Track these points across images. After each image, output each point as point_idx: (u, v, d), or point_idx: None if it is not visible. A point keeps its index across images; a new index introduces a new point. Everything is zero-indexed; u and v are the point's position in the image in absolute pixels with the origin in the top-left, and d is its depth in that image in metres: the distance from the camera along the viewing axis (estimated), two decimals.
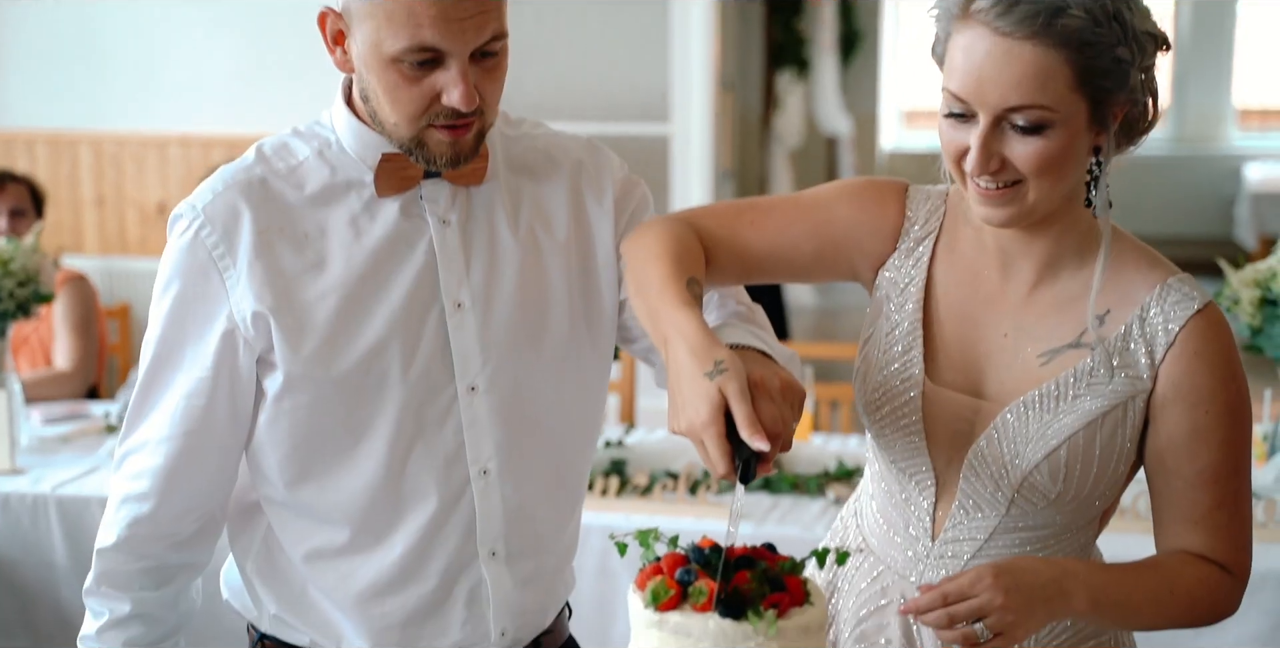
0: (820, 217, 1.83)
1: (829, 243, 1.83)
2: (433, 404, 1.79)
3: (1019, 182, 1.65)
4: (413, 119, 1.70)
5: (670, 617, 1.47)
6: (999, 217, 1.68)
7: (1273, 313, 3.27)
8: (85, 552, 3.39)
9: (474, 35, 1.66)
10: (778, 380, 1.58)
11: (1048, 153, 1.63)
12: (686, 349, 1.57)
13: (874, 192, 1.85)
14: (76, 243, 5.94)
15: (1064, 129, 1.62)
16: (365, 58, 1.69)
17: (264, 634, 1.93)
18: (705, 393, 1.53)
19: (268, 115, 5.74)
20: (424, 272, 1.78)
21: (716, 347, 1.57)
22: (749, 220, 1.83)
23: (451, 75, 1.67)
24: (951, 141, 1.67)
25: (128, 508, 1.83)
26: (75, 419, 3.98)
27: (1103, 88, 1.62)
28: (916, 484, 1.82)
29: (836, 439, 3.83)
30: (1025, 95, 1.60)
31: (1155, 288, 1.73)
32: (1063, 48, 1.59)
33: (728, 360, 1.54)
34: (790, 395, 1.58)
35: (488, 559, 1.85)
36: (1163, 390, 1.72)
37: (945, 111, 1.67)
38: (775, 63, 8.99)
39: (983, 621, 1.62)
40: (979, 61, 1.62)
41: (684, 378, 1.56)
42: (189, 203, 1.77)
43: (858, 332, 1.87)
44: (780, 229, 1.82)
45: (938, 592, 1.63)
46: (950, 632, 1.63)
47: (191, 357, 1.78)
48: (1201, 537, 1.74)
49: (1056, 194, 1.67)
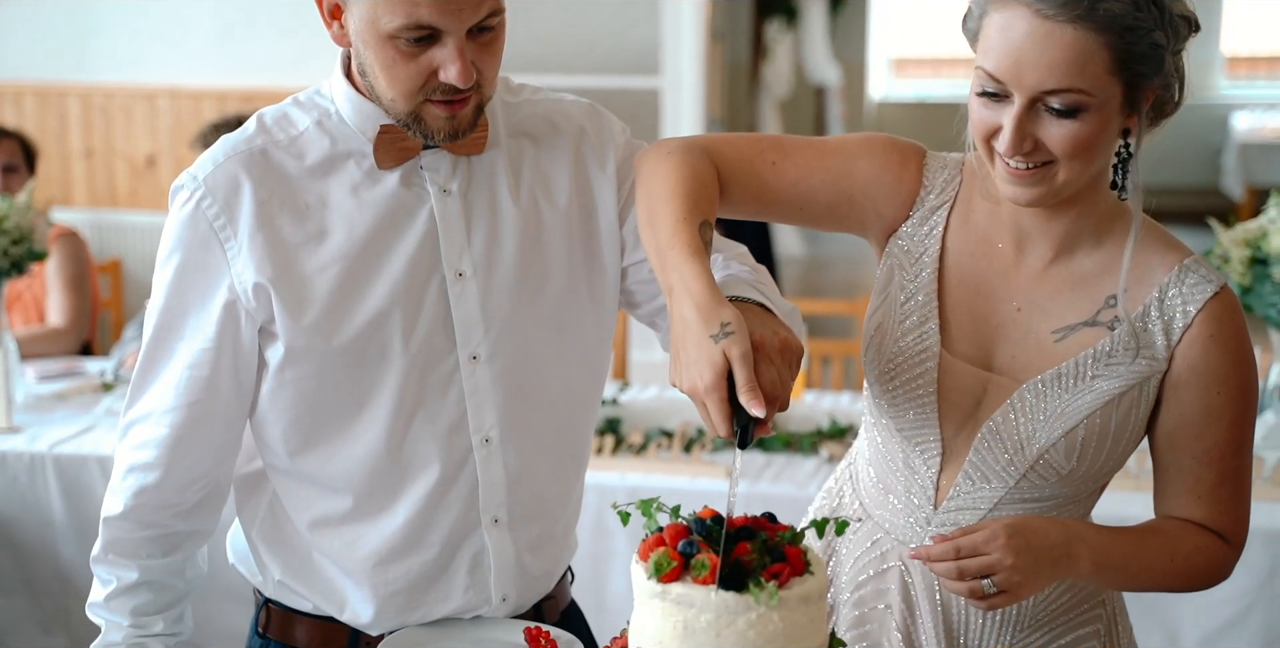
0: (840, 169, 1.82)
1: (844, 197, 1.82)
2: (434, 373, 1.80)
3: (1049, 162, 1.66)
4: (410, 95, 1.70)
5: (672, 588, 1.49)
6: (1026, 196, 1.68)
7: (1262, 272, 3.28)
8: (83, 510, 3.43)
9: (470, 14, 1.66)
10: (777, 340, 1.60)
11: (1081, 135, 1.63)
12: (693, 305, 1.58)
13: (896, 153, 1.83)
14: (65, 196, 5.92)
15: (1098, 113, 1.63)
16: (362, 33, 1.69)
17: (269, 599, 1.95)
18: (709, 357, 1.54)
19: (256, 68, 5.71)
20: (425, 241, 1.78)
21: (723, 306, 1.58)
22: (770, 161, 1.82)
23: (448, 52, 1.67)
24: (983, 120, 1.67)
25: (133, 478, 1.85)
26: (70, 377, 3.99)
27: (1139, 72, 1.62)
28: (921, 452, 1.83)
29: (829, 396, 3.85)
30: (1063, 79, 1.60)
31: (1173, 269, 1.75)
32: (1104, 32, 1.59)
33: (734, 322, 1.56)
34: (788, 355, 1.60)
35: (490, 526, 1.87)
36: (1178, 372, 1.74)
37: (979, 90, 1.66)
38: (764, 12, 8.95)
39: (990, 577, 1.66)
40: (1018, 42, 1.61)
41: (689, 337, 1.57)
42: (190, 173, 1.78)
43: (847, 286, 1.88)
44: (799, 175, 1.81)
45: (951, 545, 1.66)
46: (958, 584, 1.67)
47: (194, 327, 1.79)
48: (1204, 509, 1.79)
49: (1085, 175, 1.68)
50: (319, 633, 1.92)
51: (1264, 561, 3.02)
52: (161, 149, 5.84)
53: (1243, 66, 10.74)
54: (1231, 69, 10.68)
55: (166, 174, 5.84)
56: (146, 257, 5.79)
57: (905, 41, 10.87)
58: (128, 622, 1.89)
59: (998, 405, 1.78)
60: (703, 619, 1.47)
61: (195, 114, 5.72)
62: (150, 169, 5.86)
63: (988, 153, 1.69)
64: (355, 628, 1.90)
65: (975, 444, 1.79)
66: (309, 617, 1.92)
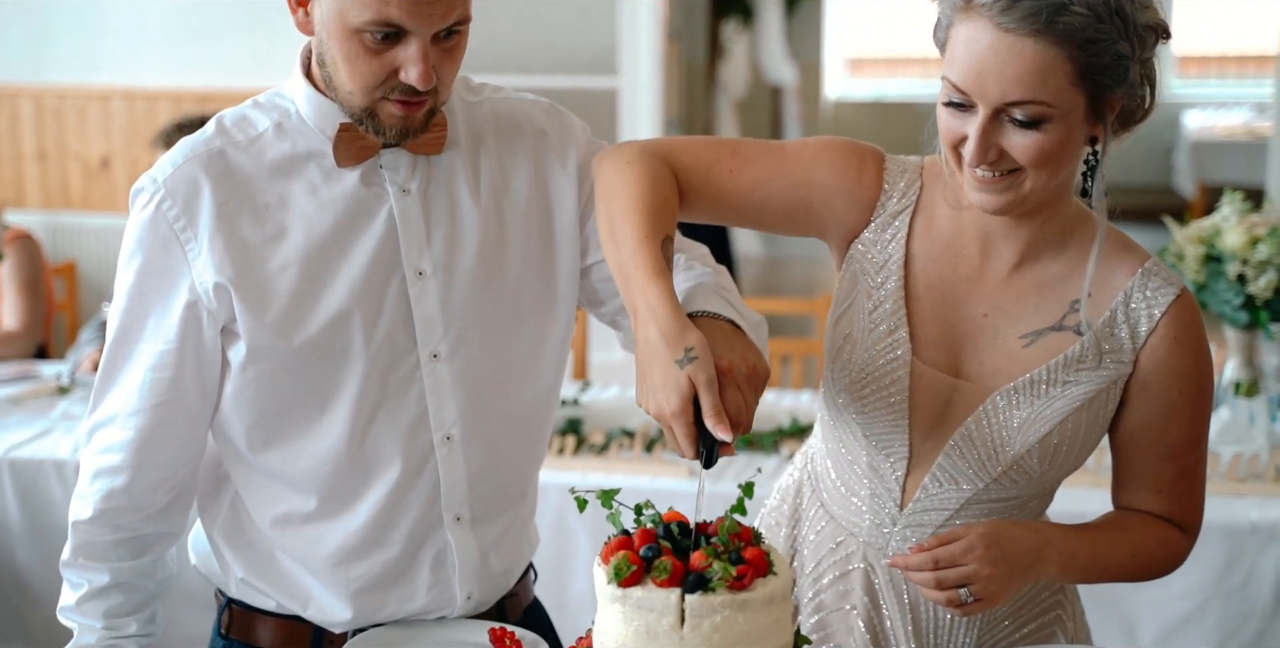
0: (798, 176, 1.82)
1: (803, 205, 1.82)
2: (395, 372, 1.81)
3: (1017, 170, 1.66)
4: (368, 90, 1.71)
5: (633, 593, 1.49)
6: (994, 203, 1.69)
7: (1216, 269, 3.31)
8: (39, 515, 3.40)
9: (439, 20, 1.67)
10: (745, 366, 1.61)
11: (1045, 146, 1.64)
12: (658, 330, 1.59)
13: (855, 159, 1.83)
14: (19, 198, 5.87)
15: (1061, 123, 1.64)
16: (328, 24, 1.69)
17: (231, 599, 1.95)
18: (675, 382, 1.56)
19: (212, 69, 5.68)
20: (385, 241, 1.79)
21: (688, 330, 1.59)
22: (727, 168, 1.81)
23: (411, 53, 1.67)
24: (950, 130, 1.68)
25: (101, 482, 1.84)
26: (25, 380, 3.96)
27: (1102, 83, 1.63)
28: (887, 455, 1.84)
29: (789, 395, 3.86)
30: (1025, 91, 1.61)
31: (1136, 273, 1.77)
32: (1065, 45, 1.59)
33: (698, 347, 1.57)
34: (755, 381, 1.62)
35: (452, 524, 1.88)
36: (1143, 374, 1.77)
37: (945, 100, 1.67)
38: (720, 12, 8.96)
39: (968, 587, 1.69)
40: (980, 55, 1.62)
41: (655, 361, 1.58)
42: (150, 176, 1.78)
43: (806, 285, 1.88)
44: (757, 183, 1.82)
45: (929, 556, 1.69)
46: (935, 593, 1.70)
47: (155, 328, 1.79)
48: (1164, 502, 1.83)
49: (1053, 184, 1.69)
50: (282, 632, 1.92)
51: (1220, 555, 3.05)
52: (116, 150, 5.80)
53: (1193, 66, 10.84)
54: (1182, 68, 10.78)
55: (121, 176, 5.80)
56: (101, 259, 5.74)
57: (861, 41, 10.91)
58: (101, 625, 1.88)
59: (969, 412, 1.79)
60: (664, 623, 1.47)
61: (150, 115, 5.69)
62: (104, 170, 5.82)
63: (956, 161, 1.70)
64: (319, 626, 1.90)
65: (946, 449, 1.80)
66: (272, 616, 1.92)
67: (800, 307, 4.61)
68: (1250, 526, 3.04)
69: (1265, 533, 3.04)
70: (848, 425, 1.86)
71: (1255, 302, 3.27)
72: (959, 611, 1.71)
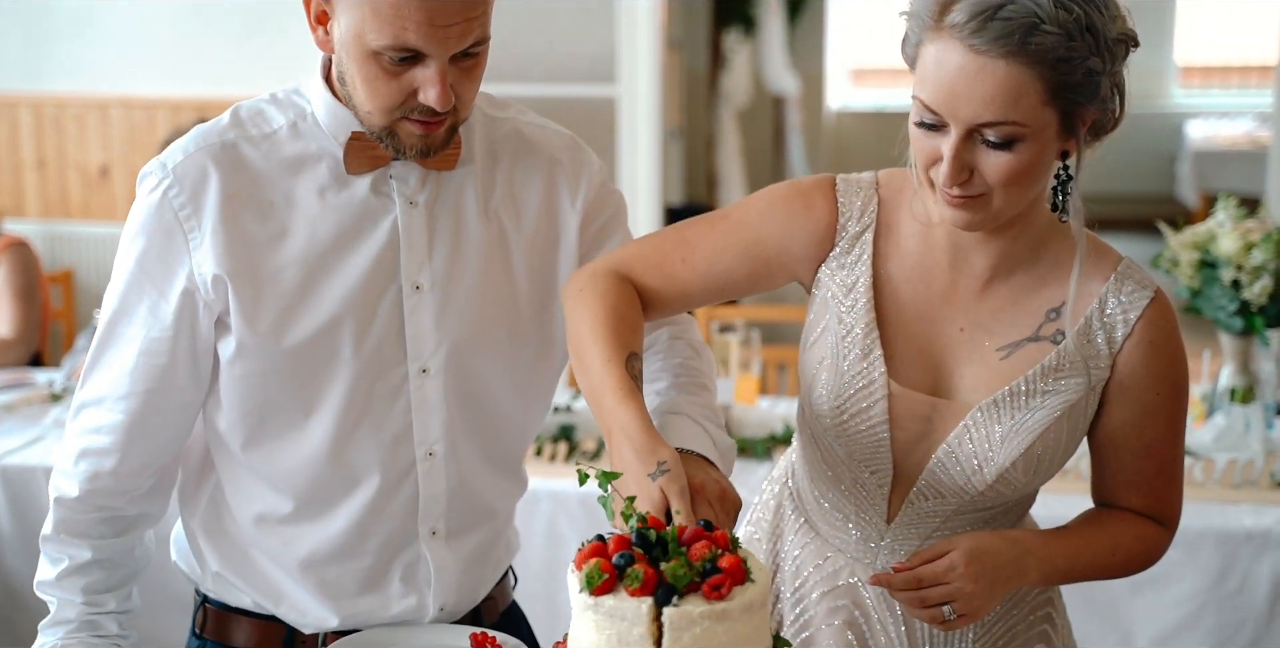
0: (748, 238, 1.81)
1: (761, 263, 1.82)
2: (383, 383, 1.81)
3: (985, 193, 1.65)
4: (388, 111, 1.71)
5: (605, 601, 1.46)
6: (965, 220, 1.68)
7: (1211, 275, 3.31)
8: (30, 522, 3.39)
9: (456, 42, 1.67)
10: (717, 487, 1.64)
11: (1017, 166, 1.63)
12: (631, 449, 1.61)
13: (799, 197, 1.82)
14: (17, 207, 5.87)
15: (1034, 141, 1.62)
16: (347, 45, 1.70)
17: (207, 598, 1.95)
18: (648, 494, 1.57)
19: (210, 78, 5.68)
20: (385, 251, 1.79)
21: (660, 446, 1.60)
22: (679, 258, 1.82)
23: (429, 74, 1.68)
24: (924, 151, 1.66)
25: (87, 463, 1.85)
26: (19, 388, 3.95)
27: (1074, 100, 1.62)
28: (872, 473, 1.83)
29: (784, 402, 3.85)
30: (997, 112, 1.60)
31: (1109, 278, 1.76)
32: (1037, 65, 1.58)
33: (670, 461, 1.59)
34: (726, 503, 1.64)
35: (428, 538, 1.88)
36: (1120, 377, 1.77)
37: (916, 120, 1.66)
38: (722, 21, 8.96)
39: (951, 604, 1.70)
40: (952, 76, 1.60)
41: (629, 477, 1.60)
42: (159, 161, 1.78)
43: (804, 292, 1.87)
44: (711, 261, 1.82)
45: (913, 575, 1.70)
46: (920, 611, 1.71)
47: (150, 313, 1.79)
48: (1142, 498, 1.84)
49: (1023, 201, 1.69)
50: (256, 632, 1.92)
51: (1215, 562, 3.04)
52: (114, 159, 5.80)
53: (1196, 76, 10.82)
54: (1185, 78, 10.76)
55: (120, 184, 5.80)
56: (99, 267, 5.74)
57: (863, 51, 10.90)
58: (80, 599, 1.89)
59: (951, 429, 1.78)
60: (635, 633, 1.45)
61: (149, 124, 5.69)
62: (103, 179, 5.82)
63: (927, 180, 1.69)
64: (292, 627, 1.90)
65: (930, 466, 1.80)
66: (247, 616, 1.93)
67: (798, 314, 4.59)
68: (1245, 532, 3.03)
69: (1260, 540, 3.03)
70: (829, 447, 1.85)
71: (1250, 307, 3.27)
72: (942, 627, 1.72)
